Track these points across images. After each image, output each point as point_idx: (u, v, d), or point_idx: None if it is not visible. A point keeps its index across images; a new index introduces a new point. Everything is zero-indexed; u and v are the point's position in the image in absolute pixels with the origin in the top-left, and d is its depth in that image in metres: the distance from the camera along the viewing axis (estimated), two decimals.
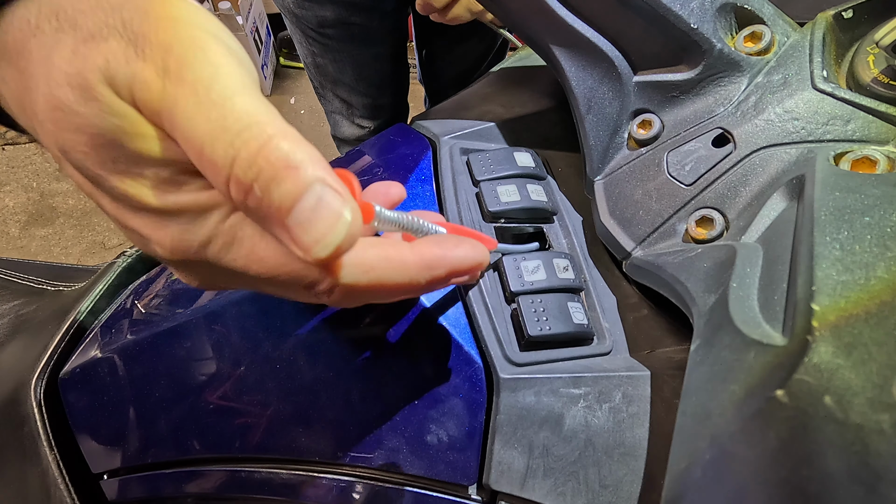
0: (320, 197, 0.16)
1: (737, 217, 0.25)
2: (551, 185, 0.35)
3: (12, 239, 1.46)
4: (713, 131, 0.27)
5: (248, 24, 1.58)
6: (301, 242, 0.16)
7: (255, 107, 0.16)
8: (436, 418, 0.26)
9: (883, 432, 0.13)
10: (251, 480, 0.28)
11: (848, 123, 0.23)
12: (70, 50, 0.17)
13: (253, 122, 0.16)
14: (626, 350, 0.28)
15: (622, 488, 0.23)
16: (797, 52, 0.26)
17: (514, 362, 0.25)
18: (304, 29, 0.64)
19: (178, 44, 0.17)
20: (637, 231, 0.28)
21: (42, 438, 0.32)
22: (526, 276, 0.28)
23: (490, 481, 0.24)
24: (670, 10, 0.26)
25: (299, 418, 0.27)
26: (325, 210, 0.16)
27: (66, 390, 0.33)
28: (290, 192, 0.16)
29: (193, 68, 0.17)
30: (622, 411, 0.24)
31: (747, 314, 0.19)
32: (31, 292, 0.45)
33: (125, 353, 0.32)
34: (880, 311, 0.15)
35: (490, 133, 0.38)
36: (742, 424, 0.16)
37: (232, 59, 0.17)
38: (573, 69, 0.31)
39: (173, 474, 0.30)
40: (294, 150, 0.16)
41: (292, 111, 1.68)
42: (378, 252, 0.19)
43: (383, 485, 0.26)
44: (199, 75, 0.16)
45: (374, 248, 0.19)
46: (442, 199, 0.33)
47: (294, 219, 0.16)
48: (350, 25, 0.62)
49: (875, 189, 0.19)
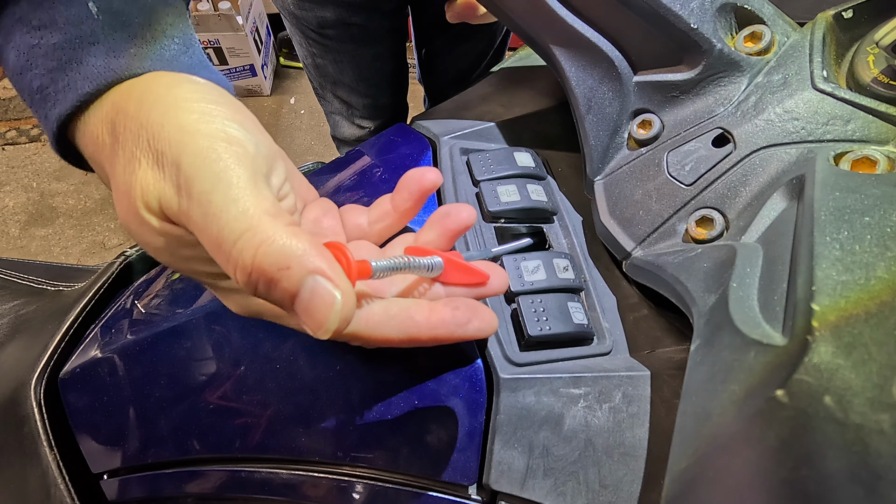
0: (313, 289, 0.18)
1: (737, 217, 0.25)
2: (551, 185, 0.35)
3: (12, 239, 1.46)
4: (713, 131, 0.27)
5: (248, 24, 1.58)
6: (309, 327, 0.18)
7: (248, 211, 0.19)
8: (436, 418, 0.26)
9: (883, 432, 0.13)
10: (251, 480, 0.28)
11: (848, 123, 0.23)
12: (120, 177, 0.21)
13: (245, 229, 0.18)
14: (626, 350, 0.28)
15: (622, 488, 0.23)
16: (797, 52, 0.26)
17: (514, 362, 0.25)
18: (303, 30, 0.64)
19: (186, 158, 0.20)
20: (637, 231, 0.28)
21: (42, 438, 0.32)
22: (526, 276, 0.28)
23: (490, 481, 0.24)
24: (670, 10, 0.26)
25: (299, 418, 0.27)
26: (318, 300, 0.18)
27: (66, 390, 0.33)
28: (287, 290, 0.18)
29: (197, 182, 0.19)
30: (622, 411, 0.24)
31: (747, 314, 0.19)
32: (31, 292, 0.45)
33: (125, 353, 0.32)
34: (880, 311, 0.15)
35: (490, 133, 0.38)
36: (742, 424, 0.16)
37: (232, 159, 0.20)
38: (573, 69, 0.31)
39: (173, 474, 0.30)
40: (284, 249, 0.18)
41: (292, 111, 1.68)
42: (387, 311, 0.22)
43: (383, 485, 0.26)
44: (201, 188, 0.19)
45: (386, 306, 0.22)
46: (442, 198, 0.33)
47: (297, 308, 0.18)
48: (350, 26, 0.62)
49: (875, 189, 0.19)
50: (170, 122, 0.20)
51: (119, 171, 0.21)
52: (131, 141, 0.21)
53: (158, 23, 0.24)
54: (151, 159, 0.20)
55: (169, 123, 0.20)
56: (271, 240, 0.18)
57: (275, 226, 0.19)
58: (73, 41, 0.22)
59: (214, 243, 0.19)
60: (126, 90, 0.22)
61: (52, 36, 0.22)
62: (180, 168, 0.19)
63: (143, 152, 0.20)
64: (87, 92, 0.22)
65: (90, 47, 0.22)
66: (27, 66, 0.22)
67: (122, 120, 0.21)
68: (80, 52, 0.22)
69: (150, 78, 0.23)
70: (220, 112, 0.21)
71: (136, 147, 0.20)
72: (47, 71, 0.22)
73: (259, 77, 1.66)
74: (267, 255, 0.18)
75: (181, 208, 0.20)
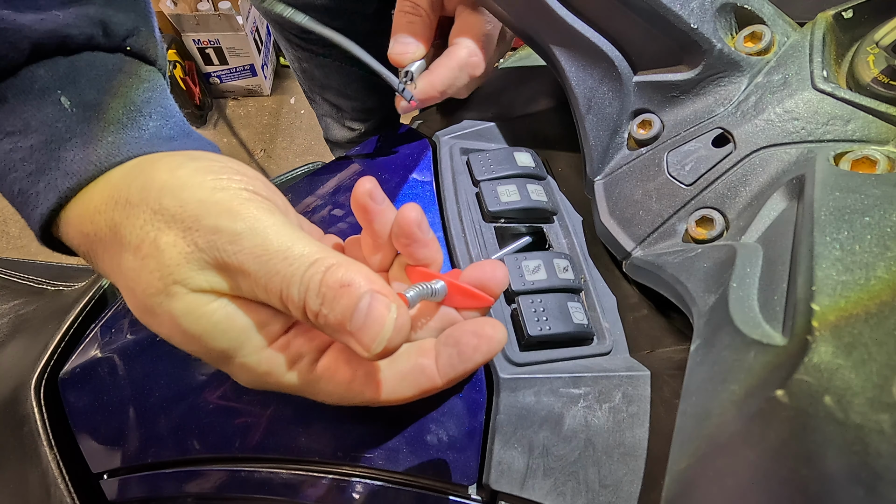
0: (370, 304, 0.19)
1: (737, 217, 0.25)
2: (551, 185, 0.35)
3: (12, 239, 1.46)
4: (713, 131, 0.27)
5: (249, 24, 1.58)
6: (362, 342, 0.19)
7: (306, 249, 0.20)
8: (436, 418, 0.26)
9: (883, 432, 0.13)
10: (251, 480, 0.28)
11: (848, 123, 0.23)
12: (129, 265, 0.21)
13: (311, 262, 0.20)
14: (626, 350, 0.28)
15: (622, 488, 0.23)
16: (797, 52, 0.26)
17: (514, 362, 0.25)
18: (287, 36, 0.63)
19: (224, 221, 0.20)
20: (637, 231, 0.28)
21: (42, 438, 0.32)
22: (526, 276, 0.28)
23: (490, 481, 0.24)
24: (670, 10, 0.26)
25: (299, 418, 0.27)
26: (375, 313, 0.19)
27: (66, 390, 0.33)
28: (347, 305, 0.19)
29: (245, 237, 0.20)
30: (622, 411, 0.24)
31: (747, 314, 0.19)
32: (31, 292, 0.45)
33: (125, 353, 0.32)
34: (880, 311, 0.15)
35: (490, 133, 0.38)
36: (742, 424, 0.16)
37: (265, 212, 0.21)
38: (573, 69, 0.31)
39: (173, 474, 0.30)
40: (346, 273, 0.19)
41: (292, 111, 1.68)
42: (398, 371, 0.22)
43: (383, 485, 0.26)
44: (254, 242, 0.20)
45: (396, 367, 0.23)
46: (442, 199, 0.33)
47: (353, 325, 0.19)
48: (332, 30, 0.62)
49: (875, 189, 0.19)
50: (189, 200, 0.20)
51: (128, 259, 0.21)
52: (140, 228, 0.21)
53: (133, 102, 0.24)
54: (175, 236, 0.20)
55: (188, 201, 0.20)
56: (337, 265, 0.20)
57: (336, 256, 0.20)
58: (49, 141, 0.22)
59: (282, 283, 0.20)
60: (119, 182, 0.22)
61: (27, 139, 0.22)
62: (220, 230, 0.20)
63: (161, 234, 0.20)
64: (68, 187, 0.22)
65: (66, 143, 0.22)
66: (6, 170, 0.22)
67: (125, 210, 0.21)
68: (57, 150, 0.22)
69: (145, 164, 0.23)
70: (229, 179, 0.22)
71: (151, 231, 0.20)
72: (26, 174, 0.22)
73: (259, 77, 1.66)
74: (333, 276, 0.19)
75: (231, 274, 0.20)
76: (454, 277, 0.23)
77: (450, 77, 0.34)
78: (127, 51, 0.26)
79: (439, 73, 0.34)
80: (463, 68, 0.34)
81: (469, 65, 0.34)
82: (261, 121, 1.63)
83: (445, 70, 0.34)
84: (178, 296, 0.20)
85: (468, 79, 0.35)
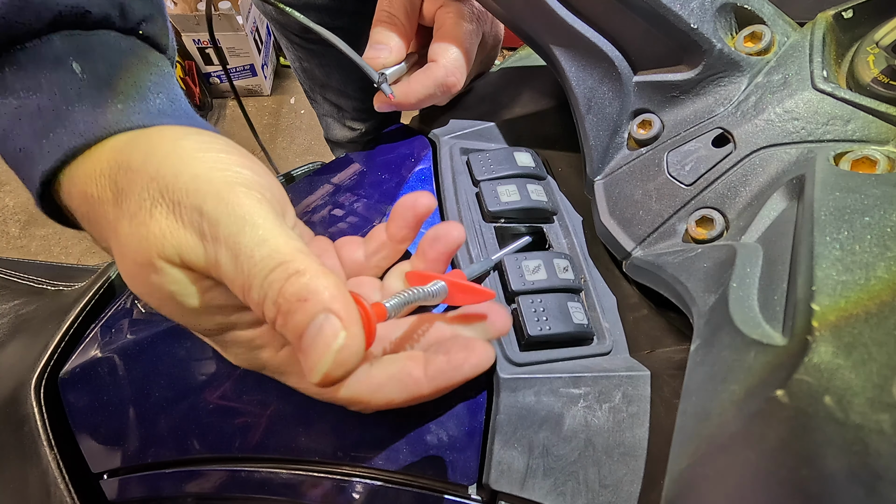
0: (321, 326, 0.18)
1: (737, 217, 0.25)
2: (551, 185, 0.35)
3: (12, 239, 1.46)
4: (713, 131, 0.27)
5: (248, 24, 1.58)
6: (306, 364, 0.18)
7: (278, 248, 0.19)
8: (436, 418, 0.26)
9: (883, 432, 0.13)
10: (251, 480, 0.28)
11: (848, 123, 0.23)
12: (126, 231, 0.21)
13: (277, 264, 0.19)
14: (626, 350, 0.28)
15: (622, 488, 0.23)
16: (797, 52, 0.26)
17: (514, 362, 0.25)
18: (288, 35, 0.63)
19: (208, 204, 0.20)
20: (637, 231, 0.28)
21: (42, 438, 0.32)
22: (527, 276, 0.28)
23: (490, 481, 0.24)
24: (670, 10, 0.26)
25: (299, 418, 0.27)
26: (321, 339, 0.18)
27: (66, 390, 0.33)
28: (300, 321, 0.18)
29: (223, 226, 0.19)
30: (622, 411, 0.24)
31: (747, 314, 0.19)
32: (31, 292, 0.45)
33: (125, 353, 0.32)
34: (880, 311, 0.15)
35: (490, 133, 0.38)
36: (742, 424, 0.16)
37: (253, 201, 0.20)
38: (573, 69, 0.31)
39: (173, 474, 0.30)
40: (309, 284, 0.18)
41: (292, 111, 1.68)
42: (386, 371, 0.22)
43: (383, 485, 0.26)
44: (228, 231, 0.19)
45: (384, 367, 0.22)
46: (442, 198, 0.33)
47: (304, 343, 0.18)
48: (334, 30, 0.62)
49: (875, 189, 0.19)
50: (184, 173, 0.20)
51: (124, 226, 0.21)
52: (138, 194, 0.21)
53: (143, 82, 0.24)
54: (167, 209, 0.20)
55: (183, 174, 0.20)
56: (301, 273, 0.19)
57: (306, 261, 0.19)
58: (59, 102, 0.22)
59: (244, 282, 0.19)
60: (124, 147, 0.22)
61: (36, 98, 0.22)
62: (203, 213, 0.20)
63: (156, 204, 0.20)
64: (74, 147, 0.22)
65: (75, 104, 0.22)
66: (10, 127, 0.22)
67: (127, 175, 0.21)
68: (65, 111, 0.22)
69: (150, 133, 0.23)
70: (230, 160, 0.22)
71: (147, 199, 0.20)
72: (32, 132, 0.22)
73: (259, 77, 1.66)
74: (292, 285, 0.18)
75: (207, 253, 0.20)
76: (455, 277, 0.23)
77: (424, 93, 0.36)
78: (140, 35, 0.26)
79: (415, 88, 0.36)
80: (438, 87, 0.36)
81: (445, 84, 0.36)
82: (261, 121, 1.63)
83: (421, 87, 0.36)
84: (163, 270, 0.20)
85: (443, 95, 0.37)
